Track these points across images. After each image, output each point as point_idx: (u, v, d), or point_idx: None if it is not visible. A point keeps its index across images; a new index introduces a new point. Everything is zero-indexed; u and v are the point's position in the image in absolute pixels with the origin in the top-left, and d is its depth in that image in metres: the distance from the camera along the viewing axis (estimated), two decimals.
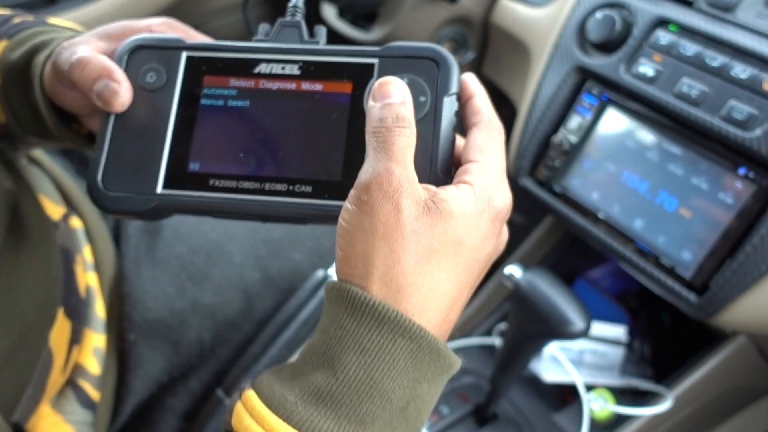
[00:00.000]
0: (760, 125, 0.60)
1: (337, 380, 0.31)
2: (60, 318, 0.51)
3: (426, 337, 0.32)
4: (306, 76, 0.38)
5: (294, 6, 0.42)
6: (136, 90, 0.40)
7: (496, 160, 0.36)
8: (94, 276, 0.58)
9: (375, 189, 0.32)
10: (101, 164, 0.39)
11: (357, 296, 0.32)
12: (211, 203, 0.38)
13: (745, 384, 0.79)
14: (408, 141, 0.33)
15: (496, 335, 0.90)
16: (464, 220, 0.33)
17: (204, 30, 1.36)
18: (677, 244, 0.66)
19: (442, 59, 0.37)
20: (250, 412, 0.31)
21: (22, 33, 0.48)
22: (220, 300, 0.62)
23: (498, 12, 0.90)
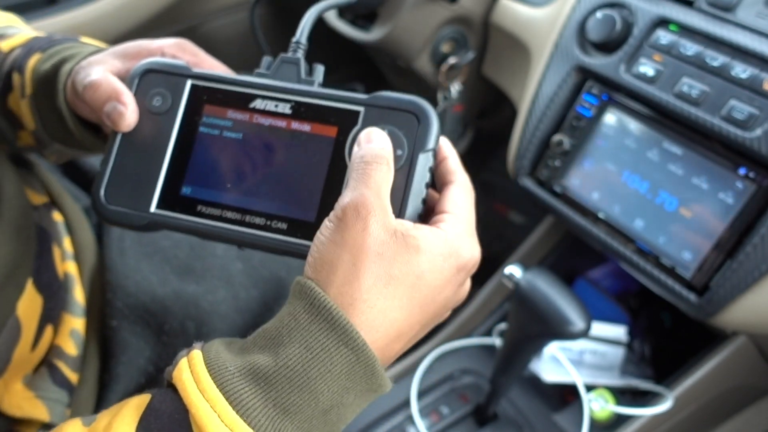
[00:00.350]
0: (760, 125, 0.60)
1: (276, 365, 0.33)
2: (29, 289, 0.52)
3: (366, 353, 0.34)
4: (296, 116, 0.41)
5: (296, 42, 0.44)
6: (144, 112, 0.43)
7: (469, 215, 0.40)
8: (73, 264, 0.59)
9: (350, 209, 0.35)
10: (105, 178, 0.43)
11: (319, 297, 0.34)
12: (196, 227, 0.41)
13: (746, 384, 0.79)
14: (384, 176, 0.37)
15: (496, 335, 0.90)
16: (428, 257, 0.36)
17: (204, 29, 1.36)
18: (677, 244, 0.66)
19: (423, 115, 0.39)
20: (191, 369, 0.34)
21: (54, 47, 0.53)
22: (204, 289, 0.64)
23: (498, 12, 0.90)
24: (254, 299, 0.66)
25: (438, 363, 0.88)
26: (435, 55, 0.95)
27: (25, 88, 0.52)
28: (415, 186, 0.38)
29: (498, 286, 0.93)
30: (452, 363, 0.88)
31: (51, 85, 0.50)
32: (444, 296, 0.38)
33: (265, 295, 0.66)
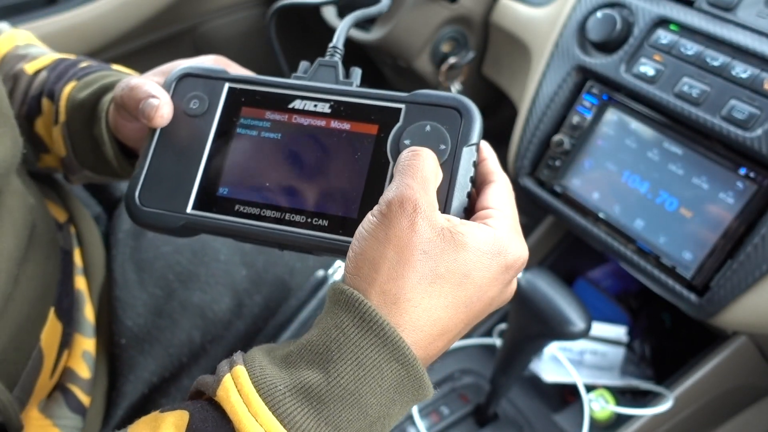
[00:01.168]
0: (760, 125, 0.59)
1: (328, 383, 0.32)
2: (51, 318, 0.51)
3: (416, 366, 0.33)
4: (336, 115, 0.41)
5: (333, 47, 0.44)
6: (180, 115, 0.43)
7: (514, 213, 0.38)
8: (82, 279, 0.59)
9: (395, 205, 0.34)
10: (140, 181, 0.42)
11: (368, 309, 0.33)
12: (234, 228, 0.40)
13: (746, 384, 0.79)
14: (432, 170, 0.36)
15: (496, 335, 0.90)
16: (476, 255, 0.34)
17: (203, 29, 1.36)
18: (678, 244, 0.66)
19: (466, 110, 0.39)
20: (238, 390, 0.32)
21: (90, 76, 0.54)
22: (209, 298, 0.63)
23: (498, 11, 0.90)
24: (258, 305, 0.65)
25: (438, 363, 0.87)
26: (435, 54, 0.95)
27: (59, 114, 0.53)
28: (460, 179, 0.38)
29: None
30: (452, 363, 0.88)
31: (88, 113, 0.51)
32: (489, 295, 0.36)
33: (268, 299, 0.66)
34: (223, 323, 0.63)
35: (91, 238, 0.62)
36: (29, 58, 0.58)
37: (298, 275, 0.67)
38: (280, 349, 0.35)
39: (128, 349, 0.59)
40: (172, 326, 0.61)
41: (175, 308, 0.62)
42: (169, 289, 0.62)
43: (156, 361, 0.60)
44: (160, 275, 0.63)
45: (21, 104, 0.56)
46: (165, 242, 0.64)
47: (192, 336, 0.62)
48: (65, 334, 0.54)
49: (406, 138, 0.39)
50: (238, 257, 0.66)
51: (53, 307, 0.52)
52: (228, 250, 0.66)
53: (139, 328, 0.60)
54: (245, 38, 1.25)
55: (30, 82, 0.56)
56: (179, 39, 1.19)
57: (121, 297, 0.60)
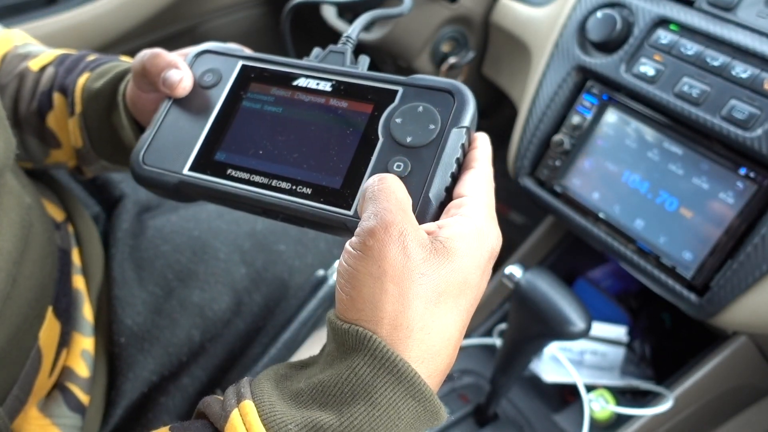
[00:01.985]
0: (761, 125, 0.59)
1: (341, 424, 0.31)
2: (49, 317, 0.51)
3: (432, 401, 0.32)
4: (335, 94, 0.43)
5: (347, 36, 0.47)
6: (195, 87, 0.46)
7: (488, 198, 0.38)
8: (80, 279, 0.59)
9: (381, 233, 0.32)
10: (147, 143, 0.45)
11: (379, 347, 0.31)
12: (222, 189, 0.41)
13: (746, 384, 0.79)
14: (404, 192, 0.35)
15: (496, 335, 0.90)
16: (469, 258, 0.34)
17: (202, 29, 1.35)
18: (678, 244, 0.65)
19: (459, 93, 0.39)
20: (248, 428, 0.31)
21: (103, 66, 0.55)
22: (208, 297, 0.63)
23: (498, 11, 0.90)
24: (257, 304, 0.65)
25: None
26: (435, 54, 0.95)
27: (74, 106, 0.54)
28: (445, 159, 0.38)
29: (498, 286, 0.93)
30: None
31: (106, 101, 0.52)
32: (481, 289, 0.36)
33: (267, 298, 0.66)
34: (222, 322, 0.63)
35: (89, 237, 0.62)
36: (31, 56, 0.59)
37: (297, 274, 0.67)
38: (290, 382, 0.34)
39: (128, 347, 0.59)
40: (171, 325, 0.61)
41: (174, 307, 0.62)
42: (168, 288, 0.63)
43: (155, 360, 0.60)
44: (160, 274, 0.63)
45: (30, 101, 0.57)
46: (164, 241, 0.65)
47: (191, 335, 0.62)
48: (64, 333, 0.54)
49: (398, 117, 0.40)
50: (238, 256, 0.66)
51: (51, 307, 0.52)
52: (227, 249, 0.66)
53: (138, 327, 0.60)
54: (245, 38, 1.25)
55: (37, 79, 0.57)
56: (179, 39, 1.19)
57: (121, 296, 0.60)
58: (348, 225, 0.38)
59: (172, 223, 0.66)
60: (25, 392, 0.49)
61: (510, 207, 1.36)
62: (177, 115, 0.45)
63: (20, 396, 0.48)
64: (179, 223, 0.66)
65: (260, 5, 1.25)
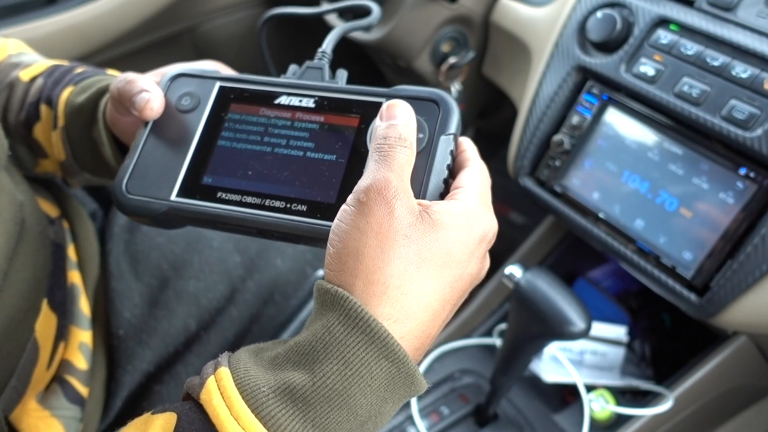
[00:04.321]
0: (761, 125, 0.59)
1: (314, 384, 0.31)
2: (44, 309, 0.52)
3: (406, 362, 0.32)
4: (319, 109, 0.43)
5: (322, 51, 0.47)
6: (172, 111, 0.45)
7: (484, 189, 0.39)
8: (77, 274, 0.60)
9: (373, 192, 0.33)
10: (129, 171, 0.44)
11: (353, 306, 0.32)
12: (215, 214, 0.41)
13: (746, 384, 0.79)
14: (407, 158, 0.35)
15: (496, 335, 0.90)
16: (455, 231, 0.35)
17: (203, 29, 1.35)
18: (678, 244, 0.65)
19: (443, 102, 0.40)
20: (222, 392, 0.32)
21: (87, 80, 0.55)
22: (203, 286, 0.64)
23: (498, 11, 0.90)
24: (250, 291, 0.66)
25: (438, 363, 0.88)
26: (435, 54, 0.95)
27: (57, 119, 0.54)
28: (437, 166, 0.39)
29: (498, 286, 0.93)
30: (452, 363, 0.88)
31: (87, 116, 0.52)
32: (469, 271, 0.36)
33: (260, 285, 0.67)
34: (217, 310, 0.64)
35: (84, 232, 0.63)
36: (23, 65, 0.59)
37: (289, 260, 0.68)
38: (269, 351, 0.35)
39: (127, 340, 0.60)
40: (168, 315, 0.62)
41: (170, 297, 0.63)
42: (163, 279, 0.63)
43: (153, 351, 0.61)
44: (155, 265, 0.64)
45: (19, 111, 0.57)
46: (159, 233, 0.65)
47: (188, 324, 0.63)
48: (60, 326, 0.54)
49: None
50: (232, 244, 0.67)
51: (46, 299, 0.53)
52: (221, 237, 0.67)
53: (136, 319, 0.61)
54: (245, 38, 1.25)
55: (27, 90, 0.57)
56: (179, 39, 1.19)
57: (118, 289, 0.61)
58: None
59: None
60: (23, 383, 0.49)
61: (510, 207, 1.36)
62: (157, 141, 0.44)
63: (18, 387, 0.49)
64: None
65: (260, 5, 1.24)
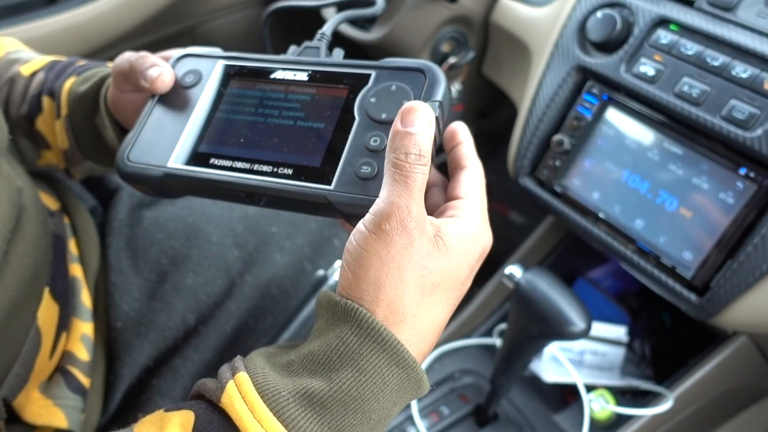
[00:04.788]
0: (761, 125, 0.59)
1: (330, 389, 0.33)
2: (46, 298, 0.53)
3: (416, 368, 0.35)
4: (312, 81, 0.44)
5: (321, 33, 0.49)
6: (176, 87, 0.48)
7: (483, 201, 0.40)
8: (78, 267, 0.61)
9: (395, 221, 0.34)
10: (132, 142, 0.46)
11: (365, 318, 0.34)
12: (206, 179, 0.43)
13: (746, 384, 0.79)
14: (424, 177, 0.36)
15: (496, 335, 0.90)
16: (464, 256, 0.37)
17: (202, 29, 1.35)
18: (678, 244, 0.65)
19: (430, 71, 0.41)
20: (243, 396, 0.33)
21: (89, 71, 0.57)
22: (202, 281, 0.65)
23: (498, 11, 0.90)
24: (248, 285, 0.66)
25: (438, 363, 0.88)
26: (435, 54, 0.95)
27: (60, 108, 0.56)
28: None
29: (498, 286, 0.93)
30: (452, 363, 0.88)
31: (90, 104, 0.54)
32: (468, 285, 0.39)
33: (258, 279, 0.67)
34: (216, 305, 0.65)
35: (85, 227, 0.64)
36: (22, 61, 0.61)
37: (288, 254, 0.69)
38: (280, 356, 0.36)
39: (124, 332, 0.61)
40: (166, 309, 0.63)
41: (168, 291, 0.63)
42: (162, 273, 0.64)
43: (152, 344, 0.62)
44: (154, 260, 0.64)
45: (20, 104, 0.58)
46: (159, 229, 0.66)
47: (186, 318, 0.63)
48: (63, 317, 0.55)
49: (372, 97, 0.42)
50: (230, 239, 0.67)
51: (47, 288, 0.54)
52: (220, 232, 0.67)
53: (134, 312, 0.61)
54: (245, 38, 1.25)
55: (27, 84, 0.59)
56: (179, 39, 1.19)
57: (117, 282, 0.62)
58: (330, 199, 0.39)
59: (168, 213, 0.68)
60: (26, 370, 0.50)
61: (510, 207, 1.36)
62: (160, 115, 0.47)
63: (21, 374, 0.50)
64: (174, 212, 0.68)
65: (260, 5, 1.24)
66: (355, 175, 0.39)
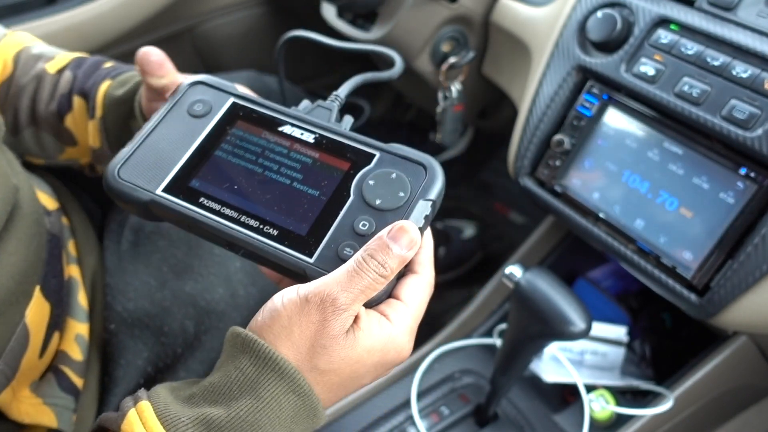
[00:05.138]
0: (761, 125, 0.59)
1: (228, 416, 0.34)
2: (36, 296, 0.53)
3: (311, 397, 0.36)
4: (317, 146, 0.45)
5: (336, 95, 0.49)
6: (182, 113, 0.47)
7: (419, 311, 0.40)
8: (76, 268, 0.61)
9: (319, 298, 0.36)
10: (126, 156, 0.45)
11: (263, 348, 0.36)
12: (192, 216, 0.42)
13: (747, 384, 0.79)
14: (374, 289, 0.37)
15: (496, 335, 0.90)
16: (369, 355, 0.38)
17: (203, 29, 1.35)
18: (678, 244, 0.65)
19: (431, 168, 0.42)
20: (143, 423, 0.34)
21: (123, 75, 0.60)
22: (201, 287, 0.64)
23: (498, 11, 0.90)
24: (253, 296, 0.66)
25: (438, 363, 0.88)
26: (435, 54, 0.95)
27: (95, 110, 0.58)
28: None
29: (498, 286, 0.93)
30: (452, 363, 0.87)
31: (125, 108, 0.57)
32: (364, 384, 0.40)
33: (263, 292, 0.66)
34: (216, 314, 0.64)
35: (83, 228, 0.64)
36: (45, 57, 0.63)
37: None
38: (184, 390, 0.37)
39: (118, 333, 0.61)
40: (162, 314, 0.62)
41: (166, 296, 0.63)
42: (162, 280, 0.64)
43: (148, 348, 0.61)
44: (155, 267, 0.64)
45: (49, 102, 0.61)
46: (161, 236, 0.66)
47: (185, 325, 0.63)
48: (55, 316, 0.55)
49: (371, 179, 0.42)
50: None
51: (39, 286, 0.53)
52: None
53: (129, 314, 0.61)
54: (245, 38, 1.25)
55: (55, 81, 0.61)
56: (179, 39, 1.19)
57: (112, 284, 0.62)
58: (307, 272, 0.39)
59: None
60: (10, 368, 0.50)
61: (510, 207, 1.36)
62: (160, 137, 0.46)
63: (5, 371, 0.50)
64: None
65: (260, 5, 1.24)
66: (337, 254, 0.39)
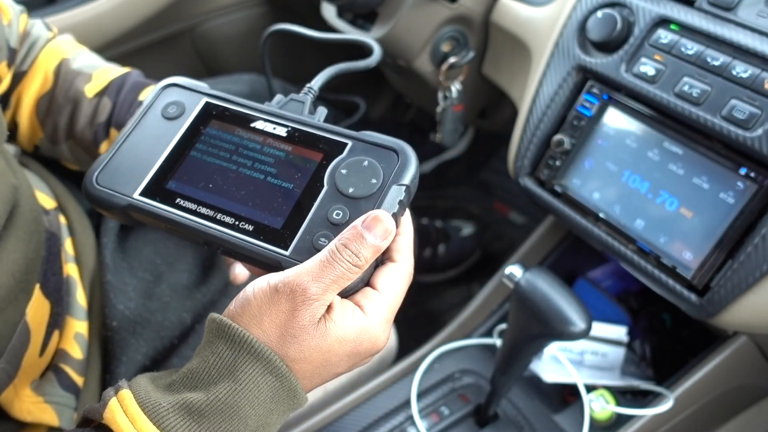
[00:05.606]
0: (761, 125, 0.59)
1: (207, 399, 0.35)
2: (36, 294, 0.53)
3: (289, 377, 0.37)
4: (289, 139, 0.45)
5: (309, 87, 0.49)
6: (157, 117, 0.47)
7: (396, 301, 0.41)
8: (74, 267, 0.61)
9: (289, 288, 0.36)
10: (103, 164, 0.46)
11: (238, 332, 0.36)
12: (169, 218, 0.43)
13: (747, 384, 0.79)
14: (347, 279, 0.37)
15: (496, 335, 0.90)
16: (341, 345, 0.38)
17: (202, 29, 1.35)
18: (678, 244, 0.65)
19: (403, 153, 0.42)
20: (125, 410, 0.35)
21: None
22: (197, 279, 0.65)
23: (498, 11, 0.90)
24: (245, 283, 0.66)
25: (438, 363, 0.88)
26: (435, 54, 0.95)
27: None
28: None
29: (498, 286, 0.93)
30: (452, 363, 0.87)
31: None
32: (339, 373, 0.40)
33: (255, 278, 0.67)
34: (213, 305, 0.65)
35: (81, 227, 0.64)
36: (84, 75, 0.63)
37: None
38: (164, 378, 0.38)
39: (120, 331, 0.61)
40: (163, 308, 0.63)
41: (164, 291, 0.64)
42: (157, 273, 0.65)
43: (148, 343, 0.62)
44: (149, 260, 0.65)
45: (86, 127, 0.62)
46: (152, 229, 0.66)
47: (183, 318, 0.64)
48: (55, 314, 0.55)
49: (344, 168, 0.42)
50: None
51: (39, 284, 0.54)
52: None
53: (130, 311, 0.62)
54: (244, 38, 1.25)
55: (94, 108, 0.62)
56: (178, 39, 1.19)
57: (113, 282, 0.62)
58: (283, 265, 0.39)
59: None
60: (12, 366, 0.50)
61: (510, 207, 1.36)
62: (136, 142, 0.46)
63: (7, 369, 0.50)
64: None
65: (260, 5, 1.24)
66: (312, 245, 0.39)
